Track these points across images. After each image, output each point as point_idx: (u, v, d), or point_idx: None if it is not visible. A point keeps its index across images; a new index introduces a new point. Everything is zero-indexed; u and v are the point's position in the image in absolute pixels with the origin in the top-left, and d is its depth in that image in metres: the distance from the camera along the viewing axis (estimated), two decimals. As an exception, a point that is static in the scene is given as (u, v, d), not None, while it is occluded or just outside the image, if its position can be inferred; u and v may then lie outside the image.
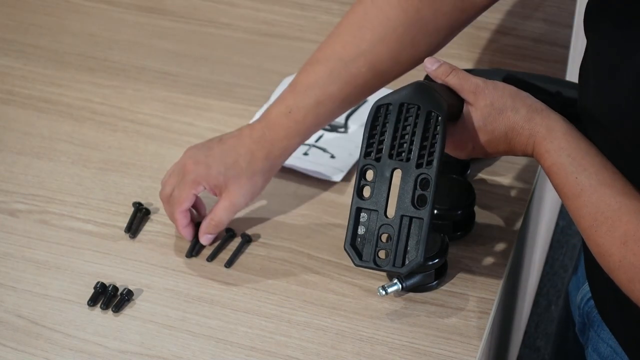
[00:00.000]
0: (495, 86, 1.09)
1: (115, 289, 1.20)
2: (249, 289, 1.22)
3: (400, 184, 1.08)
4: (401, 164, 1.08)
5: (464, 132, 1.09)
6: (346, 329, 1.17)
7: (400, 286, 1.18)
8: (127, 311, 1.19)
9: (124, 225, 1.29)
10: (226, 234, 1.27)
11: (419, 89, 1.08)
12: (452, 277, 1.22)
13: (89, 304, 1.20)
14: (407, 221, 1.08)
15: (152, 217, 1.31)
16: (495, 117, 1.08)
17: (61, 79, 1.52)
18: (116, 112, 1.46)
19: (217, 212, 1.25)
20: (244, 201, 1.25)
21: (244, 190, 1.24)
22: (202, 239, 1.26)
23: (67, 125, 1.44)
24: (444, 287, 1.21)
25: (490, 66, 1.52)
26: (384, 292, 1.17)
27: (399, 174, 1.08)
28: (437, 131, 1.06)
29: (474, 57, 1.54)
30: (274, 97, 1.46)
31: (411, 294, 1.20)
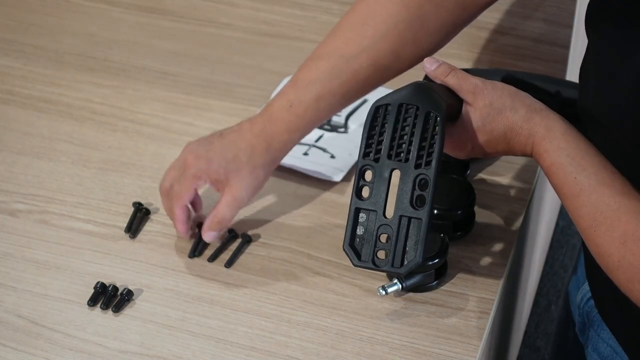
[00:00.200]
0: (494, 86, 1.09)
1: (115, 289, 1.20)
2: (249, 289, 1.22)
3: (399, 185, 1.08)
4: (400, 164, 1.08)
5: (463, 132, 1.09)
6: (346, 329, 1.17)
7: (400, 286, 1.18)
8: (127, 311, 1.19)
9: (124, 225, 1.29)
10: (229, 235, 1.27)
11: (418, 89, 1.08)
12: (452, 277, 1.22)
13: (89, 304, 1.20)
14: (406, 221, 1.08)
15: (152, 217, 1.31)
16: (494, 117, 1.08)
17: (61, 79, 1.52)
18: (116, 112, 1.46)
19: (220, 208, 1.24)
20: (246, 195, 1.24)
21: (246, 183, 1.23)
22: (205, 237, 1.25)
23: (67, 125, 1.44)
24: (444, 287, 1.21)
25: (490, 66, 1.52)
26: (384, 292, 1.17)
27: (397, 174, 1.08)
28: (436, 132, 1.06)
29: (474, 57, 1.54)
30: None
31: (411, 294, 1.20)
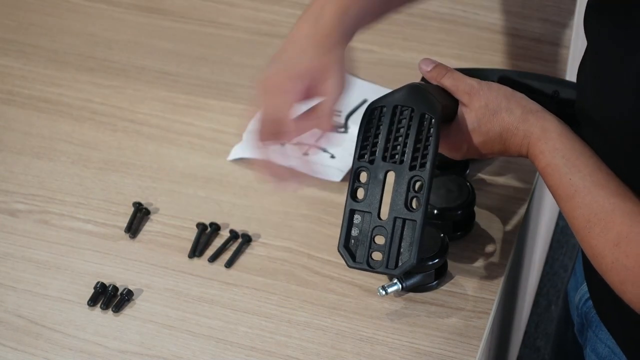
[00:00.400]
0: (489, 87, 1.09)
1: (115, 289, 1.20)
2: (249, 289, 1.22)
3: (393, 186, 1.08)
4: (395, 166, 1.08)
5: (459, 133, 1.09)
6: (346, 329, 1.17)
7: (400, 286, 1.18)
8: (127, 311, 1.19)
9: (124, 225, 1.29)
10: (229, 235, 1.27)
11: (413, 91, 1.08)
12: (452, 277, 1.22)
13: (89, 304, 1.20)
14: (401, 223, 1.08)
15: (152, 217, 1.31)
16: (489, 118, 1.08)
17: (61, 79, 1.52)
18: (116, 112, 1.46)
19: (329, 91, 1.07)
20: (343, 73, 1.08)
21: (337, 61, 1.07)
22: (325, 125, 1.08)
23: (67, 125, 1.44)
24: (444, 287, 1.21)
25: (490, 66, 1.51)
26: (384, 292, 1.17)
27: (392, 176, 1.08)
28: (431, 133, 1.06)
29: (474, 57, 1.54)
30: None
31: (411, 294, 1.20)
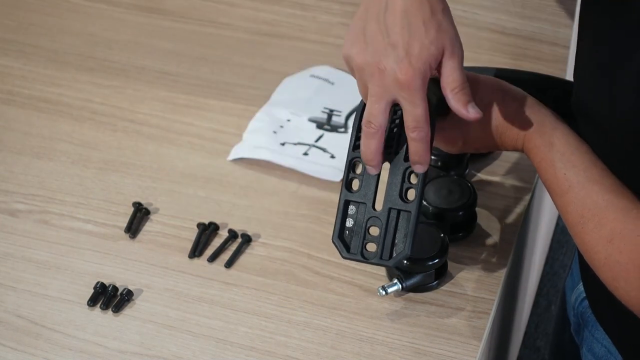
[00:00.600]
0: (485, 81, 1.08)
1: (115, 289, 1.20)
2: (249, 289, 1.22)
3: (388, 177, 1.08)
4: (389, 157, 1.08)
5: (454, 127, 1.09)
6: (346, 329, 1.17)
7: (400, 286, 1.18)
8: (127, 311, 1.19)
9: (124, 225, 1.29)
10: (228, 235, 1.27)
11: None
12: (452, 277, 1.22)
13: (88, 304, 1.20)
14: (395, 214, 1.07)
15: (152, 217, 1.31)
16: (484, 113, 1.07)
17: (61, 79, 1.52)
18: (116, 112, 1.46)
19: (454, 75, 1.02)
20: (460, 45, 1.05)
21: (450, 35, 1.05)
22: (471, 112, 1.02)
23: (67, 125, 1.44)
24: (444, 287, 1.21)
25: (490, 66, 1.51)
26: (384, 292, 1.17)
27: (387, 167, 1.08)
28: None
29: (474, 57, 1.54)
30: (274, 97, 1.46)
31: (411, 294, 1.20)
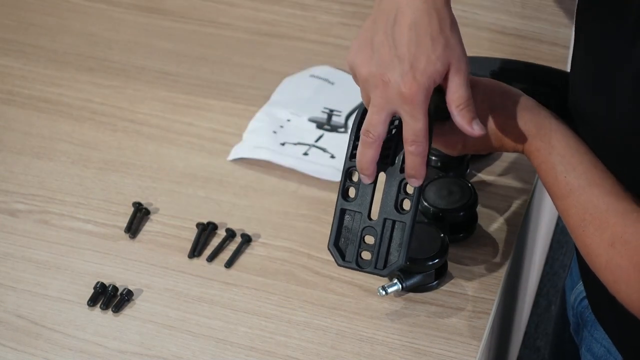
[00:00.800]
0: (484, 84, 1.08)
1: (115, 289, 1.20)
2: (249, 289, 1.22)
3: (384, 188, 1.08)
4: (385, 167, 1.08)
5: (454, 131, 1.08)
6: (346, 329, 1.17)
7: (400, 286, 1.18)
8: (127, 311, 1.19)
9: (124, 225, 1.29)
10: (226, 234, 1.27)
11: None
12: (452, 277, 1.22)
13: (88, 304, 1.20)
14: (390, 224, 1.08)
15: (152, 217, 1.31)
16: (484, 116, 1.07)
17: (61, 79, 1.52)
18: (116, 112, 1.46)
19: (461, 92, 1.03)
20: (466, 60, 1.05)
21: (457, 52, 1.05)
22: (475, 129, 1.03)
23: (67, 125, 1.44)
24: (444, 287, 1.21)
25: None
26: (384, 292, 1.17)
27: (383, 176, 1.08)
28: None
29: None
30: (274, 97, 1.46)
31: (411, 294, 1.20)
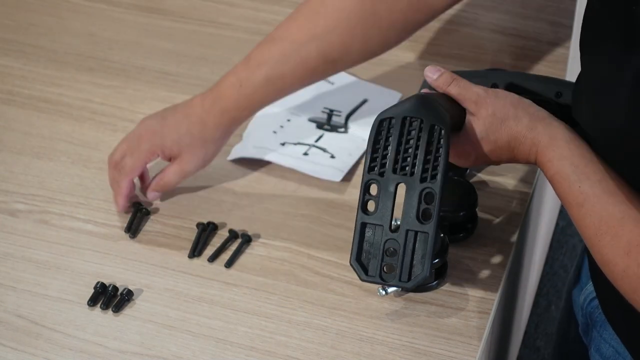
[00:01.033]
0: (496, 95, 1.09)
1: (115, 289, 1.20)
2: (249, 289, 1.22)
3: (404, 199, 1.08)
4: (405, 178, 1.07)
5: (467, 142, 1.09)
6: (346, 329, 1.17)
7: (400, 286, 1.18)
8: (127, 311, 1.19)
9: (124, 225, 1.29)
10: (228, 235, 1.27)
11: (422, 101, 1.07)
12: (452, 277, 1.22)
13: (89, 304, 1.20)
14: (413, 235, 1.08)
15: (152, 217, 1.31)
16: (497, 127, 1.07)
17: (61, 79, 1.52)
18: (116, 112, 1.46)
19: (168, 174, 1.29)
20: (194, 169, 1.30)
21: (196, 158, 1.28)
22: (149, 195, 1.31)
23: (67, 125, 1.44)
24: (444, 287, 1.21)
25: (491, 66, 1.51)
26: (384, 292, 1.17)
27: (403, 188, 1.08)
28: (441, 144, 1.06)
29: (474, 57, 1.54)
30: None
31: (411, 294, 1.20)
